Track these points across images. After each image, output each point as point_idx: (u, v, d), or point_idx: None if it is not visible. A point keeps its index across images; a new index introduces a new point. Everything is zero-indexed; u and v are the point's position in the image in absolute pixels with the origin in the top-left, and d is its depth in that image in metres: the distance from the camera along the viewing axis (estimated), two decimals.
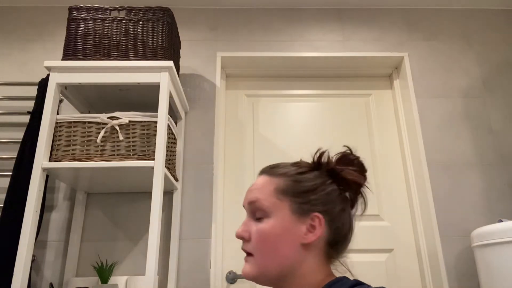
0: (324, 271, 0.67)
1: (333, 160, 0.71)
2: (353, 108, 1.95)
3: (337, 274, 0.68)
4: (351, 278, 0.65)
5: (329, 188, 0.68)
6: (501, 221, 1.39)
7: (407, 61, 1.89)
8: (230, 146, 1.86)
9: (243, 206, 0.73)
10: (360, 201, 0.72)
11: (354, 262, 0.71)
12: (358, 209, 0.72)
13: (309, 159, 0.74)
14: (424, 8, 2.01)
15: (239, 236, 0.69)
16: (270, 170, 0.72)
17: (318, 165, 0.71)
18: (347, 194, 0.71)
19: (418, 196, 1.74)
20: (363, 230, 1.73)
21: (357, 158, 0.71)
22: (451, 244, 1.58)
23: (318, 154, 0.71)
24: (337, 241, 0.68)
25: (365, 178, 0.71)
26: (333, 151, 0.73)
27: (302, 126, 1.90)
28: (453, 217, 1.63)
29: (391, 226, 1.75)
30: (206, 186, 1.65)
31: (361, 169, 0.71)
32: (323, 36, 1.94)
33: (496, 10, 2.02)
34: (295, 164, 0.72)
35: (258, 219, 0.68)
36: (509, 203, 1.66)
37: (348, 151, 0.71)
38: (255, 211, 0.69)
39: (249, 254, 0.68)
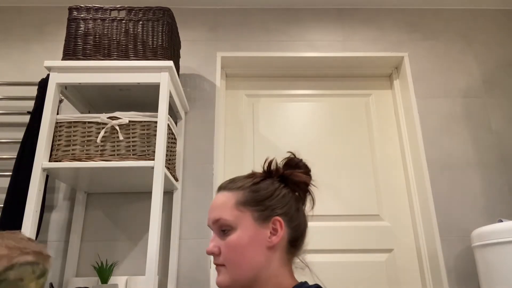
0: (287, 270, 0.73)
1: (281, 166, 0.78)
2: (353, 108, 1.95)
3: (297, 271, 0.75)
4: (311, 278, 0.72)
5: (283, 191, 0.75)
6: (501, 221, 1.39)
7: (407, 61, 1.89)
8: (230, 146, 1.86)
9: (208, 226, 0.78)
10: (308, 198, 0.79)
11: (354, 262, 0.73)
12: (308, 205, 0.80)
13: (308, 159, 0.79)
14: (424, 8, 2.01)
15: (209, 253, 0.74)
16: (228, 186, 0.77)
17: (269, 173, 0.78)
18: (297, 194, 0.78)
19: (418, 196, 1.74)
20: (363, 230, 1.73)
21: (301, 160, 0.79)
22: (451, 244, 1.58)
23: (267, 163, 0.78)
24: (297, 238, 0.75)
25: (310, 177, 0.78)
26: (333, 151, 0.76)
27: (302, 126, 1.90)
28: (453, 217, 1.63)
29: (391, 226, 1.75)
30: (206, 186, 1.65)
31: (306, 170, 0.78)
32: (323, 36, 1.94)
33: (496, 10, 2.02)
34: (250, 175, 0.79)
35: (225, 233, 0.73)
36: (509, 203, 1.66)
37: (292, 156, 0.79)
38: (221, 227, 0.74)
39: (220, 265, 0.73)
